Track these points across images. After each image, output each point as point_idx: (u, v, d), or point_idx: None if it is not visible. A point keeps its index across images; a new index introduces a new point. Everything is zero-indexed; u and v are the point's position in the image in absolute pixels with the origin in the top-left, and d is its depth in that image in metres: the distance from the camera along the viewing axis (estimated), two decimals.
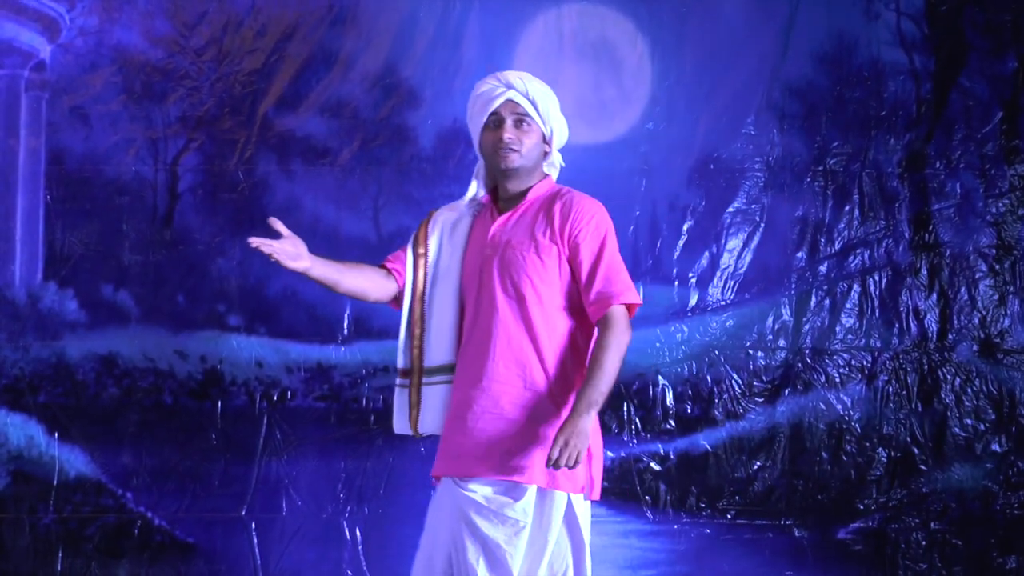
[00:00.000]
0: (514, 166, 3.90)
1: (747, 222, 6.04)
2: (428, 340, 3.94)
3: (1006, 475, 5.93)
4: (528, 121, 3.92)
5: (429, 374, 3.92)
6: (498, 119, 3.91)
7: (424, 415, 3.92)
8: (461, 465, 3.79)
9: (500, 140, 3.88)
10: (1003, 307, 5.99)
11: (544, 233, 3.87)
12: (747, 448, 5.95)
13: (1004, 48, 6.04)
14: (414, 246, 4.01)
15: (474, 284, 3.89)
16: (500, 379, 3.79)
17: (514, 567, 3.74)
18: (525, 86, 3.93)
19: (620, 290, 3.85)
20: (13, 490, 5.91)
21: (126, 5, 6.07)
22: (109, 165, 6.04)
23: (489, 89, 3.95)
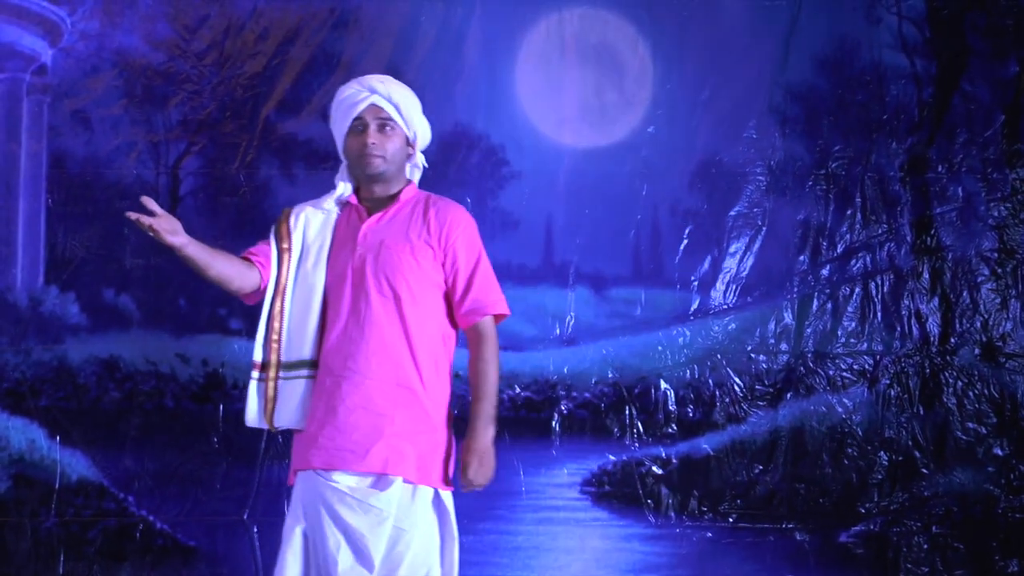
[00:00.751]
0: (379, 171, 3.97)
1: (749, 226, 6.04)
2: (288, 335, 3.94)
3: (1008, 479, 5.93)
4: (392, 125, 3.98)
5: (287, 368, 3.93)
6: (362, 124, 3.97)
7: (281, 409, 3.93)
8: (327, 456, 3.83)
9: (364, 145, 3.95)
10: (1005, 311, 5.99)
11: (419, 235, 3.95)
12: (749, 452, 5.95)
13: (1006, 52, 6.04)
14: (277, 240, 4.04)
15: (343, 282, 3.91)
16: (374, 376, 3.85)
17: (376, 557, 3.78)
18: (387, 90, 3.98)
19: (493, 300, 4.02)
20: (14, 494, 5.91)
21: (127, 9, 6.07)
22: (111, 169, 6.04)
23: (352, 94, 4.00)
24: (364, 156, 3.96)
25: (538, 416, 5.95)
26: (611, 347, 5.99)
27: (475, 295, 4.00)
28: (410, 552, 3.86)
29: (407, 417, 3.90)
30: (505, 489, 5.92)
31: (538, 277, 6.05)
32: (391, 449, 3.83)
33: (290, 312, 3.96)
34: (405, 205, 4.03)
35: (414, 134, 4.06)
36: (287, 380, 3.93)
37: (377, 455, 3.81)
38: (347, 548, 3.79)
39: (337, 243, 3.99)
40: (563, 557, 5.90)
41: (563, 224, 6.06)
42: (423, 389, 3.94)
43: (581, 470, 5.95)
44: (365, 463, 3.81)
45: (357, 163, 3.99)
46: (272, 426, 3.96)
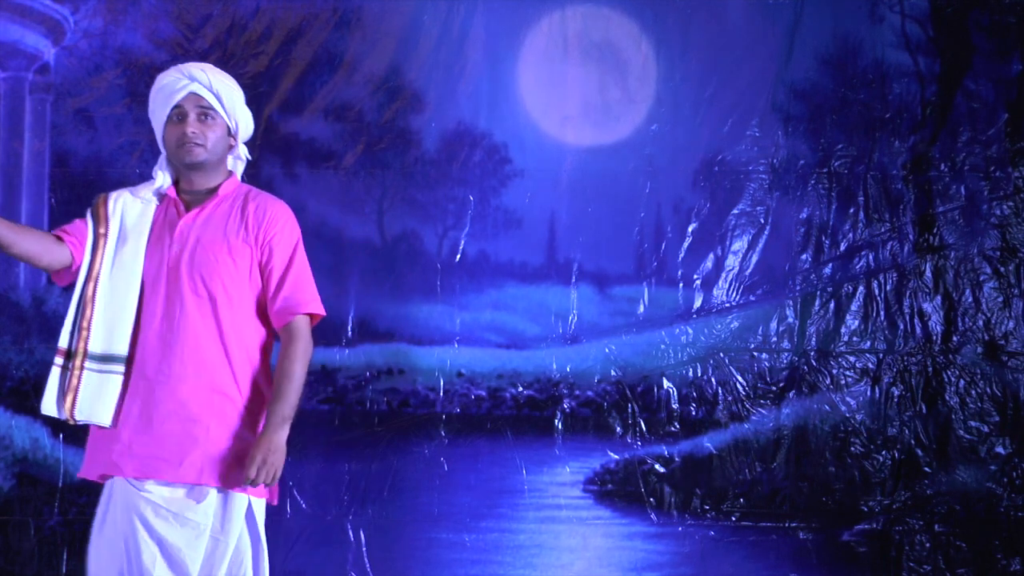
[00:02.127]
0: (199, 160, 3.84)
1: (752, 224, 6.04)
2: (97, 325, 3.79)
3: (1010, 477, 5.93)
4: (212, 115, 3.86)
5: (96, 360, 3.77)
6: (181, 113, 3.85)
7: (83, 401, 3.76)
8: (141, 465, 3.72)
9: (184, 134, 3.82)
10: (1007, 309, 5.99)
11: (238, 234, 3.84)
12: (751, 450, 5.95)
13: (1009, 50, 6.04)
14: (95, 224, 3.89)
15: (158, 280, 3.79)
16: (188, 381, 3.74)
17: (192, 570, 3.71)
18: (209, 79, 3.88)
19: (306, 299, 3.89)
20: (18, 492, 5.92)
21: (130, 8, 6.07)
22: (113, 168, 6.04)
23: (171, 82, 3.88)
24: (183, 146, 3.81)
25: (541, 414, 5.96)
26: (614, 345, 5.99)
27: (287, 293, 3.86)
28: (225, 561, 3.77)
29: (222, 424, 3.76)
30: (508, 487, 5.93)
31: (541, 275, 6.05)
32: (206, 458, 3.72)
33: (104, 302, 3.79)
34: (224, 200, 3.89)
35: (236, 125, 3.92)
36: (94, 372, 3.76)
37: (192, 465, 3.71)
38: (163, 561, 3.69)
39: (154, 237, 3.83)
40: (566, 555, 5.91)
41: (566, 222, 6.06)
42: (239, 395, 3.79)
43: (584, 468, 5.96)
44: (179, 473, 3.70)
45: (176, 153, 3.84)
46: (72, 418, 3.76)
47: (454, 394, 5.97)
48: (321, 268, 5.99)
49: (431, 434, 5.95)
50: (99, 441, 3.83)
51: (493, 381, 5.98)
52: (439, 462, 5.94)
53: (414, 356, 5.97)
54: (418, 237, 6.02)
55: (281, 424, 3.74)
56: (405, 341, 5.97)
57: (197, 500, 3.73)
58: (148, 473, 3.72)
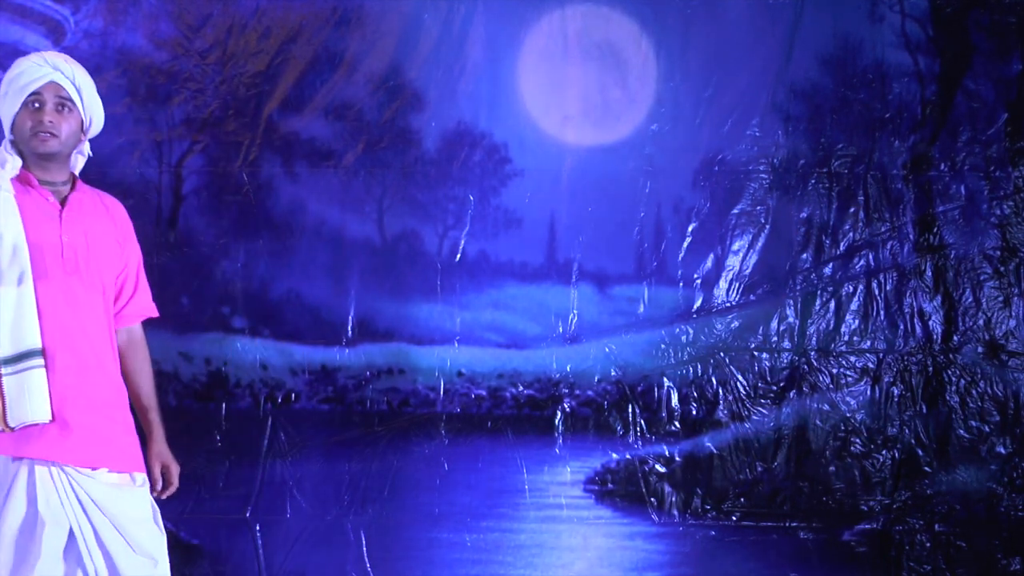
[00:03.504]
0: (52, 151, 3.83)
1: (752, 224, 6.04)
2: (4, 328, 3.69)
3: (1011, 477, 5.93)
4: (70, 107, 3.85)
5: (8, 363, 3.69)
6: (39, 100, 3.82)
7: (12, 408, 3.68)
8: (94, 455, 3.75)
9: (40, 123, 3.80)
10: (1008, 309, 5.99)
11: (108, 231, 3.92)
12: (752, 450, 5.95)
13: (1009, 50, 6.04)
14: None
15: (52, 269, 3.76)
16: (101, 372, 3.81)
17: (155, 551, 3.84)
18: (72, 71, 3.85)
19: (151, 304, 4.06)
20: None
21: (131, 8, 6.07)
22: (113, 167, 6.03)
23: (32, 67, 3.84)
24: (37, 134, 3.79)
25: (541, 414, 5.95)
26: (614, 345, 5.99)
27: (141, 296, 4.01)
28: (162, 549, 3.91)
29: (125, 410, 3.93)
30: (508, 487, 5.93)
31: (541, 275, 6.05)
32: (129, 445, 3.86)
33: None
34: (86, 196, 3.93)
35: (90, 120, 3.92)
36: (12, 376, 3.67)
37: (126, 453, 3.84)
38: (127, 547, 3.78)
39: (32, 226, 3.77)
40: (566, 555, 5.91)
41: (566, 222, 6.06)
42: (121, 382, 3.95)
43: (584, 468, 5.96)
44: (121, 463, 3.81)
45: (28, 140, 3.80)
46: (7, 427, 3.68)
47: (454, 394, 5.97)
48: (321, 268, 6.02)
49: (431, 434, 5.95)
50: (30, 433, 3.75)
51: (493, 381, 5.98)
52: (439, 462, 5.94)
53: (414, 356, 5.97)
54: (418, 237, 6.02)
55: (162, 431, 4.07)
56: (405, 341, 5.97)
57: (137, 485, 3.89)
58: (91, 462, 3.76)
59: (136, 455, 3.90)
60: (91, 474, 3.75)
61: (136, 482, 3.90)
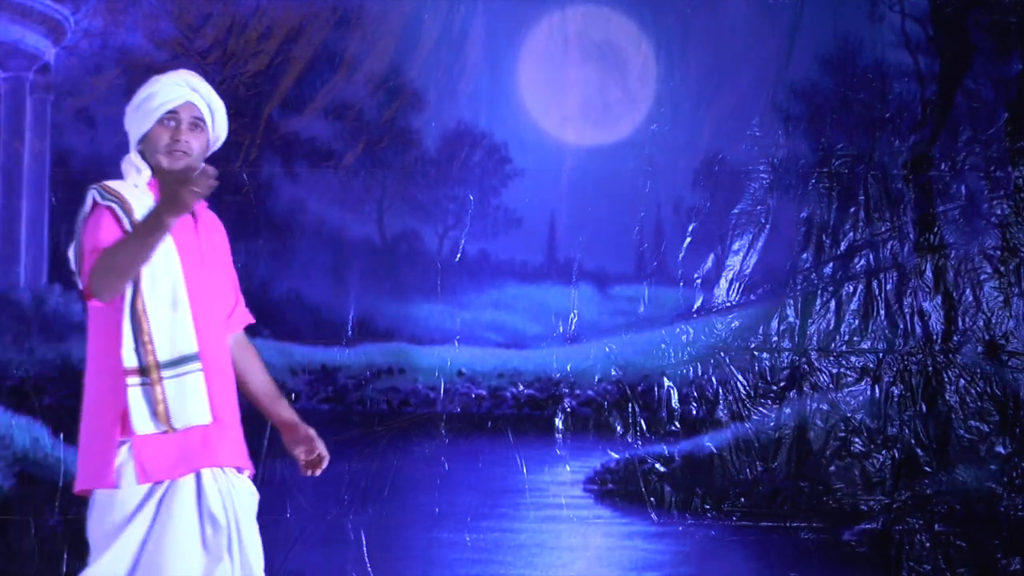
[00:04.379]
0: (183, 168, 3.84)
1: (752, 223, 6.04)
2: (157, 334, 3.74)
3: (1010, 477, 5.93)
4: (202, 127, 3.90)
5: (167, 367, 3.74)
6: (175, 119, 3.86)
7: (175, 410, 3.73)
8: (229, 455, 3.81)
9: (176, 141, 3.84)
10: (1008, 309, 5.99)
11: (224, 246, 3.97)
12: (752, 449, 5.95)
13: (1009, 50, 6.04)
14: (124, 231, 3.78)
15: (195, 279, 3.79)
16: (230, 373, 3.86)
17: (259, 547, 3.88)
18: (208, 93, 3.92)
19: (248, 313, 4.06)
20: (18, 492, 5.91)
21: (131, 7, 6.07)
22: (114, 167, 5.93)
23: (173, 86, 3.89)
24: (172, 152, 3.84)
25: (541, 414, 5.96)
26: (614, 345, 6.00)
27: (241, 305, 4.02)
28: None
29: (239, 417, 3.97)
30: (508, 487, 5.93)
31: (541, 275, 6.06)
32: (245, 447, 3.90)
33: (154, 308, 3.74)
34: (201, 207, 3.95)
35: (215, 139, 3.97)
36: (172, 380, 3.73)
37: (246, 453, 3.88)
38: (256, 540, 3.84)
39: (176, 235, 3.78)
40: (566, 555, 5.91)
41: (566, 222, 6.06)
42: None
43: (584, 468, 5.96)
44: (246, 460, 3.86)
45: (162, 156, 3.84)
46: (171, 428, 3.73)
47: (454, 393, 5.97)
48: (321, 268, 6.03)
49: (431, 433, 5.95)
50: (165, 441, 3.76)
51: (493, 380, 5.98)
52: (439, 462, 5.94)
53: (414, 355, 5.97)
54: (418, 236, 6.02)
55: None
56: (405, 340, 5.97)
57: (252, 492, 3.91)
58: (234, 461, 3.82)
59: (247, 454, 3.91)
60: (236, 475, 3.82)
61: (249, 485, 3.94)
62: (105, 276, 3.62)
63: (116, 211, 3.78)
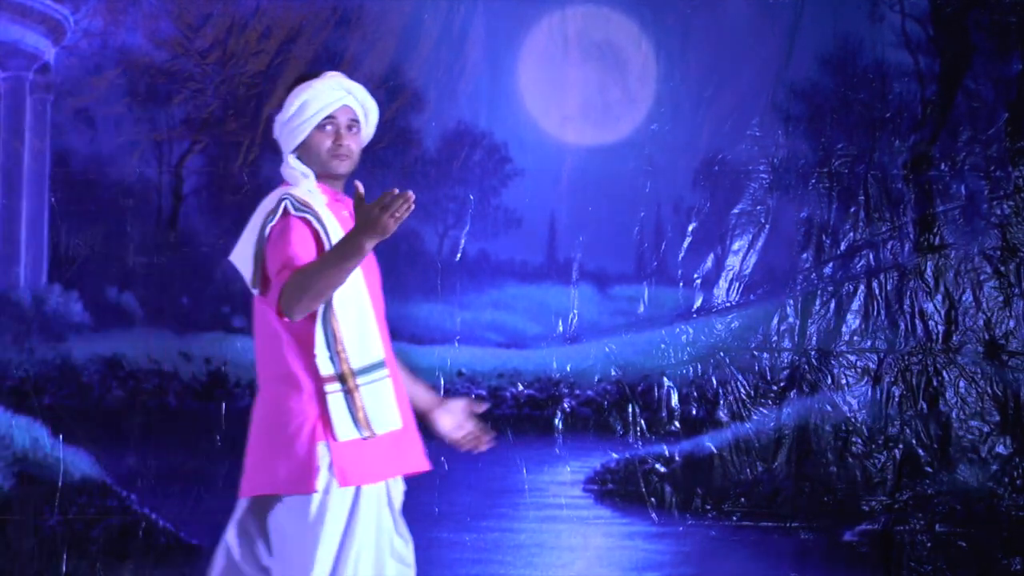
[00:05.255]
0: (345, 172, 3.92)
1: (752, 223, 6.04)
2: (348, 342, 3.79)
3: (1011, 476, 5.93)
4: (357, 129, 3.93)
5: (361, 375, 3.79)
6: (334, 123, 3.88)
7: (373, 416, 3.78)
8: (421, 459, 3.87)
9: (340, 145, 3.87)
10: (1008, 309, 5.99)
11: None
12: (752, 450, 5.95)
13: (1009, 50, 6.04)
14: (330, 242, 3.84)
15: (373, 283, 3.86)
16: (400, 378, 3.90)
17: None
18: (362, 96, 3.93)
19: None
20: (18, 492, 5.91)
21: (131, 7, 6.07)
22: (114, 167, 6.04)
23: (330, 90, 3.90)
24: (336, 156, 3.88)
25: (541, 414, 5.96)
26: (614, 345, 5.99)
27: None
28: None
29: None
30: (508, 487, 5.93)
31: (541, 274, 6.06)
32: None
33: (343, 317, 3.78)
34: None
35: (366, 138, 3.99)
36: (367, 386, 3.77)
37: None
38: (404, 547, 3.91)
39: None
40: (566, 555, 5.91)
41: (566, 222, 6.06)
42: None
43: (584, 468, 5.96)
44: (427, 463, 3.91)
45: (326, 161, 3.88)
46: (372, 433, 3.77)
47: (454, 393, 5.95)
48: None
49: (431, 433, 5.93)
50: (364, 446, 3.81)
51: (493, 380, 5.98)
52: (439, 461, 5.92)
53: (414, 355, 5.96)
54: (418, 236, 6.02)
55: None
56: (405, 340, 5.95)
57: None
58: (418, 466, 3.89)
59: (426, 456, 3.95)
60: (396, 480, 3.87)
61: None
62: (300, 297, 3.61)
63: (312, 223, 3.78)
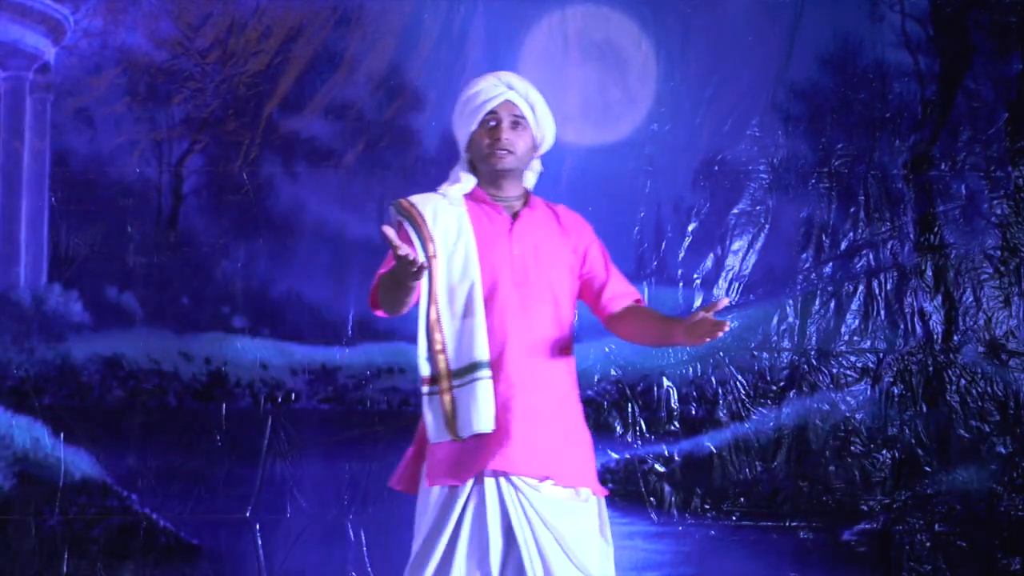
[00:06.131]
0: (508, 167, 3.93)
1: (752, 223, 6.04)
2: (450, 343, 3.87)
3: (1011, 476, 5.93)
4: (524, 124, 3.94)
5: (457, 376, 3.84)
6: (495, 119, 3.92)
7: (462, 419, 3.83)
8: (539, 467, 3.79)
9: (498, 140, 3.89)
10: (1008, 308, 5.99)
11: (563, 245, 3.97)
12: (752, 449, 5.95)
13: (1009, 50, 6.04)
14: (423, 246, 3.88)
15: (503, 283, 3.87)
16: (553, 385, 3.86)
17: (591, 565, 3.82)
18: (525, 89, 3.95)
19: (631, 287, 4.09)
20: (18, 492, 5.92)
21: (130, 7, 6.08)
22: (113, 167, 6.04)
23: (488, 88, 3.95)
24: (495, 151, 3.91)
25: None
26: (614, 344, 5.99)
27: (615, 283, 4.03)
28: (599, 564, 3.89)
29: (579, 427, 3.92)
30: None
31: None
32: (584, 462, 3.87)
33: (448, 318, 3.87)
34: (538, 208, 4.01)
35: (542, 137, 4.02)
36: (461, 388, 3.83)
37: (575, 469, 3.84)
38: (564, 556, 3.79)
39: (484, 242, 3.90)
40: None
41: None
42: (575, 395, 3.96)
43: None
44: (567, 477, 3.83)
45: (486, 158, 3.93)
46: (457, 437, 3.84)
47: None
48: (321, 267, 6.03)
49: None
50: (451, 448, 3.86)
51: None
52: None
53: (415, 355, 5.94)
54: None
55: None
56: (406, 340, 5.96)
57: (583, 499, 3.86)
58: (546, 474, 3.80)
59: (583, 470, 3.87)
60: (536, 486, 3.79)
61: (580, 496, 3.88)
62: (382, 298, 3.86)
63: (406, 228, 3.87)
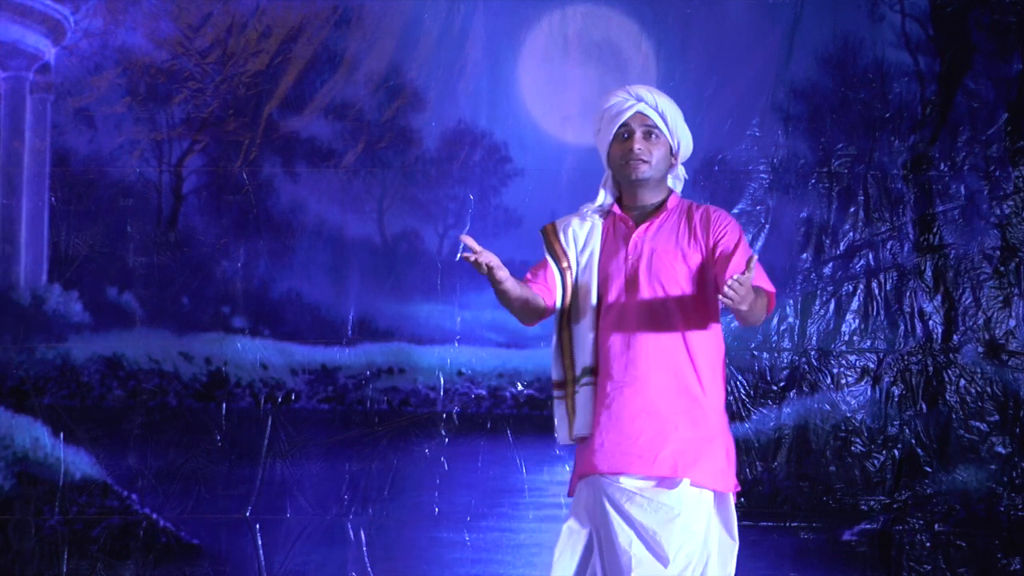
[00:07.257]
0: (644, 176, 4.00)
1: (752, 223, 6.04)
2: (573, 348, 4.01)
3: (1010, 476, 5.93)
4: (657, 133, 4.01)
5: (577, 381, 3.99)
6: (627, 131, 4.00)
7: (579, 421, 3.98)
8: (615, 462, 3.88)
9: (630, 151, 3.98)
10: (1008, 308, 5.99)
11: (688, 243, 3.98)
12: (752, 449, 5.95)
13: (1009, 50, 6.04)
14: (556, 261, 4.06)
15: (616, 290, 3.96)
16: (653, 382, 3.89)
17: (670, 552, 3.81)
18: (655, 99, 4.03)
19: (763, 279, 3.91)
20: (19, 491, 5.92)
21: (131, 7, 6.08)
22: (114, 167, 6.05)
23: (619, 102, 4.03)
24: (629, 162, 3.99)
25: (541, 414, 5.95)
26: None
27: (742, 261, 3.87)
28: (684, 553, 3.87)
29: (690, 422, 3.92)
30: (508, 487, 5.93)
31: None
32: (678, 454, 3.87)
33: (573, 326, 4.03)
34: (671, 213, 4.05)
35: (677, 143, 4.07)
36: (577, 393, 4.00)
37: (665, 460, 3.86)
38: (639, 542, 3.83)
39: (606, 251, 4.03)
40: None
41: None
42: (702, 394, 3.94)
43: None
44: (654, 467, 3.87)
45: (621, 170, 4.02)
46: (573, 439, 4.02)
47: (454, 393, 5.97)
48: (321, 268, 6.03)
49: (431, 433, 5.95)
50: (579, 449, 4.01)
51: (493, 380, 5.98)
52: (439, 461, 5.94)
53: (414, 355, 5.97)
54: (418, 236, 6.03)
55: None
56: (405, 340, 5.98)
57: (668, 488, 3.86)
58: (622, 468, 3.88)
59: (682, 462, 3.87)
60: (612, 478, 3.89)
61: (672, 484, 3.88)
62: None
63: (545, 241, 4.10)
